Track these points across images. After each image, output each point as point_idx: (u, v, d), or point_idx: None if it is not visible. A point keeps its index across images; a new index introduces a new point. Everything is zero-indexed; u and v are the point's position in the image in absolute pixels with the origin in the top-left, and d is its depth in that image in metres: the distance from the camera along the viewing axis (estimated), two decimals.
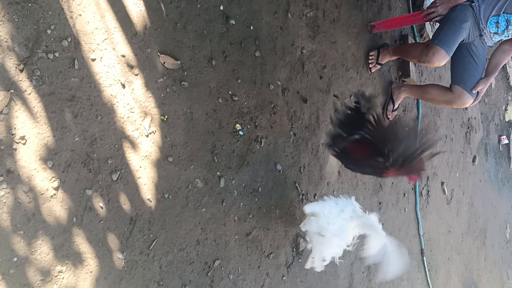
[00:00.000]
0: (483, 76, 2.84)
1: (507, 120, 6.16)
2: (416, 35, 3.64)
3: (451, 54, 2.67)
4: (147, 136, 1.77)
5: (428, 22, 3.46)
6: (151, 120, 1.79)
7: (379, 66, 3.17)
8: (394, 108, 3.30)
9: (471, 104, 2.84)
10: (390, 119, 3.34)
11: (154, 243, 1.79)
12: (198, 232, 1.98)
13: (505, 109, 6.08)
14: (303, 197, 2.56)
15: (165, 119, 1.84)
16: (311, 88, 2.65)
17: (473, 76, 2.78)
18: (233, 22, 2.16)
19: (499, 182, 5.99)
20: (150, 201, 1.78)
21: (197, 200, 1.98)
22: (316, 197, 2.64)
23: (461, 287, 4.58)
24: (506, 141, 6.03)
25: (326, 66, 2.77)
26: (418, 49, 2.79)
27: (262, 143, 2.31)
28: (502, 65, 2.93)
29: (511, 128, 6.27)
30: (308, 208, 2.22)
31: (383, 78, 3.30)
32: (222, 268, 2.07)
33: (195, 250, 1.96)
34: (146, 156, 1.77)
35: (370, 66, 3.13)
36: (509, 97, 6.15)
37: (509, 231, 6.31)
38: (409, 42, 3.45)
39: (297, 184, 2.53)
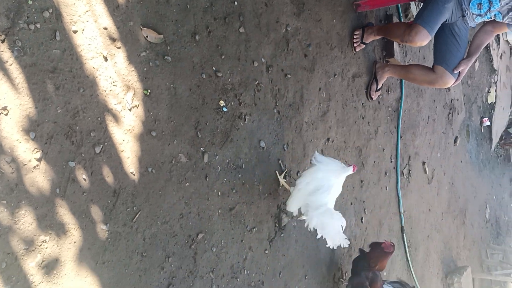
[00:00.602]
0: (465, 56, 2.89)
1: (489, 102, 6.27)
2: (401, 15, 3.67)
3: (433, 34, 2.71)
4: (130, 110, 1.78)
5: (413, 2, 3.49)
6: (134, 94, 1.79)
7: (363, 46, 3.20)
8: (378, 88, 3.34)
9: (453, 84, 2.90)
10: (374, 98, 3.38)
11: (137, 215, 1.81)
12: (182, 206, 2.01)
13: (488, 91, 6.18)
14: (286, 174, 2.60)
15: (148, 94, 1.85)
16: (295, 66, 2.67)
17: (455, 57, 2.82)
18: None
19: (480, 163, 6.12)
20: (134, 175, 1.80)
21: (180, 174, 2.00)
22: (299, 174, 2.68)
23: (440, 265, 4.72)
24: (488, 123, 6.15)
25: (311, 44, 2.78)
26: (401, 29, 2.82)
27: (246, 120, 2.34)
28: (484, 46, 2.97)
29: (493, 110, 6.38)
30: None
31: (367, 57, 3.33)
32: (206, 241, 2.11)
33: (178, 223, 1.99)
34: (129, 130, 1.79)
35: (355, 45, 3.15)
36: (492, 80, 6.25)
37: (488, 211, 6.48)
38: (394, 22, 3.47)
39: (280, 161, 2.56)
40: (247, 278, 2.32)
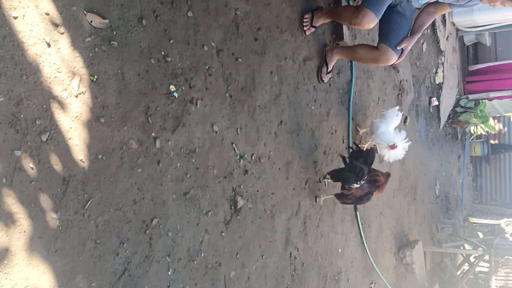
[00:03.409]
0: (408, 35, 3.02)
1: (437, 83, 6.53)
2: None
3: (380, 17, 2.80)
4: (76, 96, 1.76)
5: None
6: (79, 80, 1.77)
7: (313, 29, 3.25)
8: (328, 71, 3.42)
9: (396, 61, 3.04)
10: (325, 81, 3.46)
11: (89, 203, 1.80)
12: (135, 192, 2.01)
13: (436, 72, 6.43)
14: (241, 158, 2.64)
15: (94, 80, 1.83)
16: (246, 50, 2.69)
17: (398, 35, 2.95)
18: None
19: (429, 141, 6.39)
20: (83, 162, 1.79)
21: (132, 161, 2.00)
22: (253, 157, 2.72)
23: (392, 240, 4.93)
24: (436, 103, 6.41)
25: (261, 28, 2.81)
26: (349, 12, 2.90)
27: (198, 105, 2.35)
28: (426, 26, 3.12)
29: (441, 90, 6.65)
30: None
31: (317, 41, 3.40)
32: (161, 226, 2.13)
33: (132, 210, 1.99)
34: (77, 117, 1.77)
35: (305, 28, 3.20)
36: (439, 61, 6.50)
37: (438, 187, 6.79)
38: (343, 5, 3.55)
39: (234, 145, 2.60)
40: (204, 261, 2.36)
